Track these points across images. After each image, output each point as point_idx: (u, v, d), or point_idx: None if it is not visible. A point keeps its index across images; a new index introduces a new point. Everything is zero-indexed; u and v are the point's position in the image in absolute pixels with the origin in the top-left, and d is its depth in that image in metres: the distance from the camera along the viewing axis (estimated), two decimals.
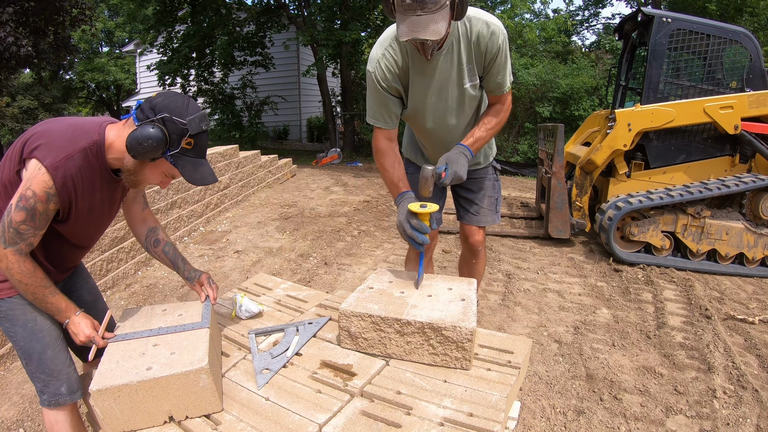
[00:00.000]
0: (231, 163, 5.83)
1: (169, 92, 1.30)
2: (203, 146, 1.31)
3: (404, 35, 1.43)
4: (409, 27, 1.41)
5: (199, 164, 1.30)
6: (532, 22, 14.72)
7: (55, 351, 1.36)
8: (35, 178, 1.17)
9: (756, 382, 2.38)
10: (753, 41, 4.08)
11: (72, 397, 1.39)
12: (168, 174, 1.32)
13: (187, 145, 1.25)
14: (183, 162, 1.26)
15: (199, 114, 1.26)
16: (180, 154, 1.26)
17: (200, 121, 1.26)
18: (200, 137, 1.28)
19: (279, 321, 1.63)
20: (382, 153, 1.80)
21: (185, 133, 1.23)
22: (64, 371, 1.37)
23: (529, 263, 4.07)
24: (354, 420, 1.12)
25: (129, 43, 16.71)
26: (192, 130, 1.24)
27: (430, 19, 1.39)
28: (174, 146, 1.24)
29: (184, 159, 1.26)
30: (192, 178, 1.28)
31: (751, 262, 4.04)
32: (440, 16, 1.40)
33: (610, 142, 4.05)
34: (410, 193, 1.72)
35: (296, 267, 3.91)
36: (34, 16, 8.04)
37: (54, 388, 1.36)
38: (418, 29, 1.40)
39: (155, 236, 1.61)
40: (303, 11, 10.72)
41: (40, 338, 1.34)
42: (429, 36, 1.40)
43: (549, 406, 2.18)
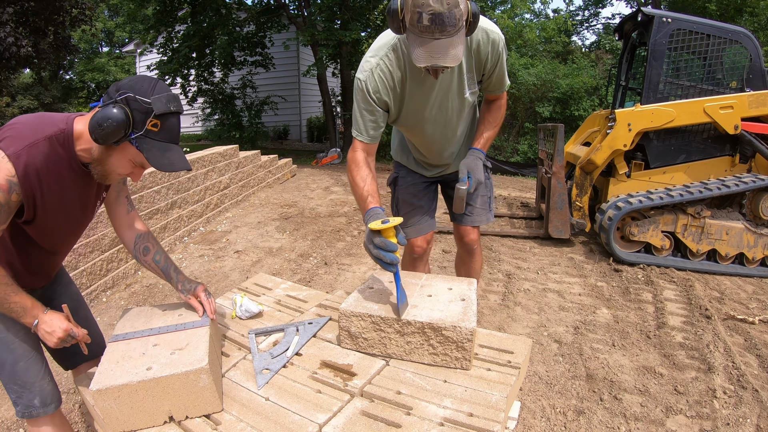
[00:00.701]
0: (231, 163, 5.83)
1: (139, 75, 1.22)
2: (172, 129, 1.19)
3: (421, 61, 1.33)
4: (427, 52, 1.31)
5: (167, 149, 1.18)
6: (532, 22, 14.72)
7: (28, 363, 1.30)
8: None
9: (756, 382, 2.38)
10: (753, 41, 4.08)
11: (45, 410, 1.34)
12: (136, 162, 1.21)
13: (152, 126, 1.14)
14: (148, 145, 1.15)
15: (167, 94, 1.16)
16: (144, 137, 1.14)
17: (168, 102, 1.15)
18: (168, 119, 1.16)
19: (279, 321, 1.63)
20: (356, 164, 1.67)
21: (150, 113, 1.13)
22: (37, 384, 1.32)
23: (529, 263, 4.07)
24: (354, 420, 1.12)
25: (129, 43, 16.71)
26: (157, 109, 1.13)
27: (449, 43, 1.31)
28: (138, 128, 1.13)
29: (149, 142, 1.15)
30: (159, 164, 1.16)
31: (751, 262, 4.04)
32: (458, 39, 1.33)
33: (610, 142, 4.05)
34: (378, 209, 1.53)
35: (296, 267, 3.91)
36: (34, 16, 8.05)
37: (27, 400, 1.31)
38: (437, 55, 1.31)
39: (145, 243, 1.50)
40: (303, 11, 10.73)
41: (12, 349, 1.28)
42: (449, 63, 1.33)
43: (549, 406, 2.18)
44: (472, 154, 1.78)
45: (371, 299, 1.43)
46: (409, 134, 1.93)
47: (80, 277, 3.10)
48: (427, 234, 2.14)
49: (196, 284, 1.48)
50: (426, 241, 2.14)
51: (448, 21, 1.26)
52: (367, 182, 1.63)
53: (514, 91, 10.17)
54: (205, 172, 5.15)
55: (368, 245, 1.39)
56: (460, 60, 1.35)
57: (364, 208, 1.58)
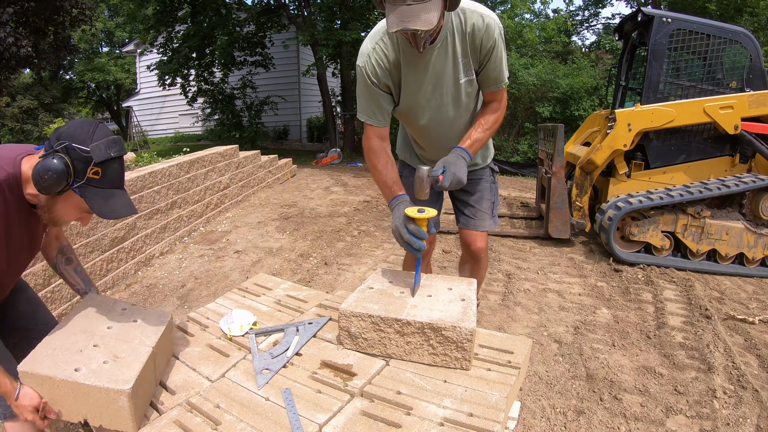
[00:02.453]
0: (231, 163, 5.83)
1: (79, 119, 1.21)
2: (115, 175, 1.18)
3: (393, 26, 1.35)
4: (398, 17, 1.33)
5: (110, 195, 1.17)
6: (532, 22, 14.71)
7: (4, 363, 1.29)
8: None
9: (756, 382, 2.38)
10: (753, 41, 4.08)
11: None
12: (83, 209, 1.21)
13: (94, 174, 1.14)
14: (91, 193, 1.15)
15: (107, 139, 1.15)
16: (86, 185, 1.14)
17: (108, 148, 1.14)
18: (109, 165, 1.15)
19: (279, 321, 1.63)
20: (374, 152, 1.72)
21: (90, 162, 1.12)
22: None
23: (529, 263, 4.07)
24: (354, 420, 1.12)
25: (129, 43, 16.72)
26: (97, 157, 1.12)
27: (421, 8, 1.31)
28: (79, 177, 1.13)
29: (92, 190, 1.15)
30: (101, 212, 1.16)
31: (751, 262, 4.04)
32: (432, 5, 1.33)
33: (610, 142, 4.05)
34: (405, 196, 1.64)
35: (296, 267, 3.91)
36: (34, 16, 8.05)
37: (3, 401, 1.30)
38: (408, 19, 1.32)
39: (68, 254, 1.52)
40: (303, 11, 10.73)
41: None
42: (420, 26, 1.32)
43: (549, 406, 2.18)
44: (454, 152, 1.67)
45: (371, 299, 1.43)
46: (407, 124, 1.91)
47: None
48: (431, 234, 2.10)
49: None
50: (428, 242, 2.10)
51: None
52: (389, 169, 1.70)
53: (514, 91, 10.16)
54: (205, 172, 5.15)
55: (400, 229, 1.50)
56: (433, 24, 1.33)
57: (390, 195, 1.67)
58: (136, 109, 14.92)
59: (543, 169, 5.03)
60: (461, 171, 1.60)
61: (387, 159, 1.72)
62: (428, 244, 2.07)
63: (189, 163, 4.86)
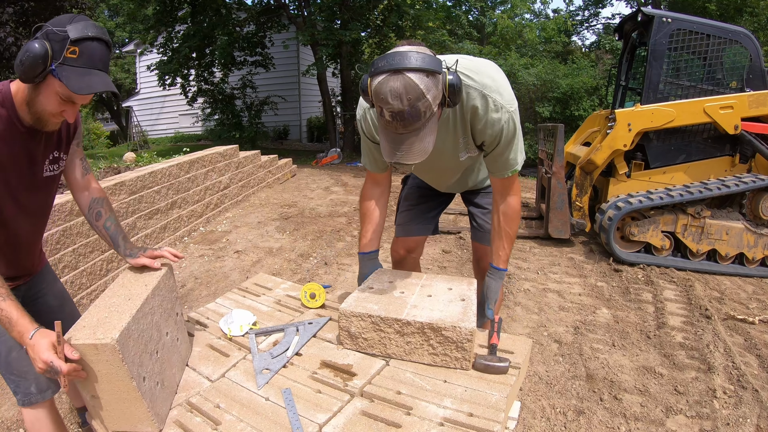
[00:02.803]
0: (231, 163, 5.83)
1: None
2: (94, 55, 1.15)
3: (387, 157, 1.20)
4: (390, 145, 1.19)
5: (87, 73, 1.15)
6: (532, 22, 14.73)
7: (20, 352, 1.29)
8: None
9: (756, 382, 2.38)
10: (753, 41, 4.08)
11: (43, 396, 1.36)
12: (63, 96, 1.18)
13: (71, 54, 1.12)
14: (67, 72, 1.13)
15: (86, 22, 1.15)
16: (62, 65, 1.13)
17: (85, 28, 1.13)
18: (87, 44, 1.14)
19: (279, 321, 1.63)
20: (363, 198, 1.72)
21: (66, 40, 1.11)
22: (32, 371, 1.30)
23: (529, 263, 4.07)
24: (354, 420, 1.12)
25: (129, 43, 16.72)
26: (73, 35, 1.11)
27: (415, 138, 1.16)
28: (56, 57, 1.12)
29: (67, 69, 1.13)
30: (75, 86, 1.13)
31: (751, 262, 4.04)
32: (426, 132, 1.17)
33: (610, 142, 4.05)
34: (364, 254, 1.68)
35: (296, 267, 3.91)
36: (34, 16, 8.04)
37: (24, 387, 1.33)
38: (400, 152, 1.17)
39: (98, 208, 1.48)
40: (303, 11, 10.73)
41: (3, 341, 1.28)
42: (413, 160, 1.18)
43: (549, 406, 2.18)
44: (493, 277, 1.59)
45: (371, 299, 1.43)
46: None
47: (80, 277, 3.10)
48: (409, 239, 1.98)
49: (144, 248, 1.45)
50: (405, 248, 1.98)
51: (410, 117, 1.11)
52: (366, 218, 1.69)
53: (514, 91, 10.16)
54: (205, 172, 5.15)
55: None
56: (428, 153, 1.19)
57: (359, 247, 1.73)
58: (136, 109, 14.93)
59: (543, 169, 5.03)
60: (497, 292, 1.59)
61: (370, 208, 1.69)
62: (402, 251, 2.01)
63: (189, 163, 4.86)
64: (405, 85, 1.09)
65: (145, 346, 1.15)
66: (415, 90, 1.09)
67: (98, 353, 1.04)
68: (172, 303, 1.41)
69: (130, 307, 1.16)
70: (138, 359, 1.11)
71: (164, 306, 1.34)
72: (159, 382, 1.18)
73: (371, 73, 1.15)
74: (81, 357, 1.04)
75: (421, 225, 1.98)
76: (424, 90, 1.10)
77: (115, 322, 1.09)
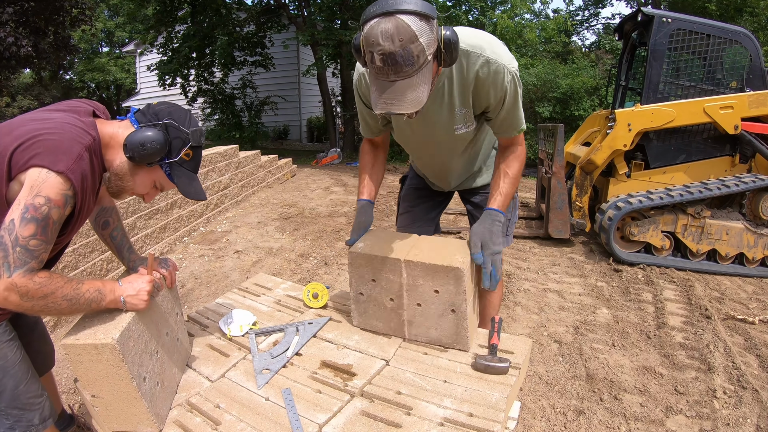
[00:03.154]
0: (231, 163, 5.83)
1: (173, 103, 1.27)
2: (199, 161, 1.28)
3: (376, 106, 1.15)
4: (381, 95, 1.13)
5: (193, 178, 1.27)
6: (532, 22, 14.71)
7: (28, 384, 1.25)
8: (45, 183, 1.00)
9: (756, 382, 2.38)
10: (753, 41, 4.08)
11: (44, 425, 1.30)
12: (158, 184, 1.26)
13: (186, 156, 1.22)
14: (179, 173, 1.23)
15: (200, 128, 1.25)
16: (178, 164, 1.22)
17: (200, 135, 1.25)
18: (198, 151, 1.26)
19: (279, 321, 1.63)
20: (362, 153, 1.75)
21: (187, 143, 1.21)
22: (37, 402, 1.28)
23: (529, 263, 4.07)
24: (354, 420, 1.12)
25: (129, 43, 16.71)
26: (194, 141, 1.22)
27: (406, 85, 1.10)
28: (173, 155, 1.20)
29: (180, 170, 1.23)
30: (187, 191, 1.24)
31: (751, 262, 4.04)
32: (420, 79, 1.11)
33: (610, 142, 4.05)
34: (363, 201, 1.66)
35: (296, 267, 3.91)
36: (34, 16, 8.04)
37: (26, 421, 1.27)
38: (392, 101, 1.12)
39: (105, 217, 1.47)
40: (303, 11, 10.73)
41: (12, 374, 1.23)
42: (405, 110, 1.13)
43: (549, 406, 2.18)
44: (488, 217, 1.46)
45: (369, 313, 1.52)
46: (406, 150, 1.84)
47: (80, 277, 3.10)
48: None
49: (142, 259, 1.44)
50: None
51: (403, 60, 1.06)
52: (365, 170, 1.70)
53: None
54: (205, 172, 5.15)
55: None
56: (423, 102, 1.13)
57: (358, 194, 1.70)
58: None
59: (543, 169, 5.03)
60: (496, 243, 1.42)
61: (369, 160, 1.71)
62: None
63: None
64: (397, 26, 1.05)
65: (145, 346, 1.15)
66: (407, 31, 1.05)
67: (98, 353, 1.04)
68: (172, 303, 1.41)
69: None
70: (138, 359, 1.11)
71: (164, 306, 1.34)
72: (159, 382, 1.18)
73: (363, 21, 1.11)
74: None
75: (423, 226, 1.98)
76: (417, 32, 1.06)
77: (115, 322, 1.09)
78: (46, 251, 1.03)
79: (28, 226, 0.98)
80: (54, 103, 1.23)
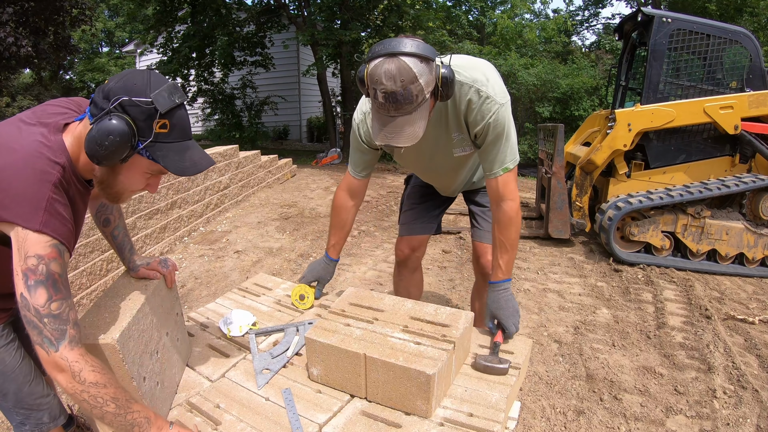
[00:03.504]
0: (231, 163, 5.83)
1: (127, 71, 1.01)
2: (184, 125, 1.01)
3: (378, 139, 1.24)
4: (381, 128, 1.23)
5: (185, 148, 1.01)
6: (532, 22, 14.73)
7: (31, 386, 1.24)
8: (27, 242, 0.90)
9: (756, 382, 2.38)
10: (753, 41, 4.08)
11: (55, 423, 1.31)
12: (151, 172, 1.05)
13: (161, 128, 0.97)
14: (163, 152, 0.99)
15: (167, 85, 0.98)
16: (155, 142, 0.98)
17: (170, 94, 0.97)
18: (176, 114, 0.99)
19: (279, 321, 1.63)
20: (334, 208, 1.81)
21: (155, 114, 0.96)
22: (44, 402, 1.28)
23: (529, 263, 4.07)
24: (354, 420, 1.12)
25: (129, 43, 16.70)
26: (162, 107, 0.95)
27: (405, 121, 1.20)
28: (145, 135, 0.96)
29: (161, 147, 0.98)
30: (180, 168, 1.00)
31: (751, 262, 4.04)
32: (418, 115, 1.21)
33: (610, 142, 4.05)
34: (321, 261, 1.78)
35: (296, 267, 3.91)
36: (34, 16, 8.05)
37: (35, 419, 1.27)
38: (391, 135, 1.22)
39: (106, 215, 1.37)
40: (303, 11, 10.73)
41: (12, 378, 1.21)
42: (403, 143, 1.22)
43: (549, 406, 2.18)
44: (494, 291, 1.48)
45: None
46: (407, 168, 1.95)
47: (80, 277, 3.10)
48: (413, 238, 1.99)
49: (149, 260, 1.37)
50: (410, 247, 2.00)
51: (403, 99, 1.16)
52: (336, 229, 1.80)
53: (514, 91, 10.17)
54: (205, 172, 5.15)
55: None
56: (419, 137, 1.23)
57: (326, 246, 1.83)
58: None
59: (543, 169, 5.03)
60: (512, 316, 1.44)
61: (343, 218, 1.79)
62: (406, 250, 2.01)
63: None
64: (399, 67, 1.14)
65: (145, 346, 1.15)
66: (408, 73, 1.14)
67: (98, 353, 1.04)
68: (172, 303, 1.41)
69: (131, 307, 1.17)
70: (138, 359, 1.11)
71: (164, 306, 1.34)
72: (159, 382, 1.18)
73: (368, 59, 1.20)
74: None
75: (425, 224, 2.01)
76: (417, 74, 1.15)
77: (115, 322, 1.09)
78: (71, 307, 0.94)
79: (38, 293, 0.90)
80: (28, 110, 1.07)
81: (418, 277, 2.11)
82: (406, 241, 2.01)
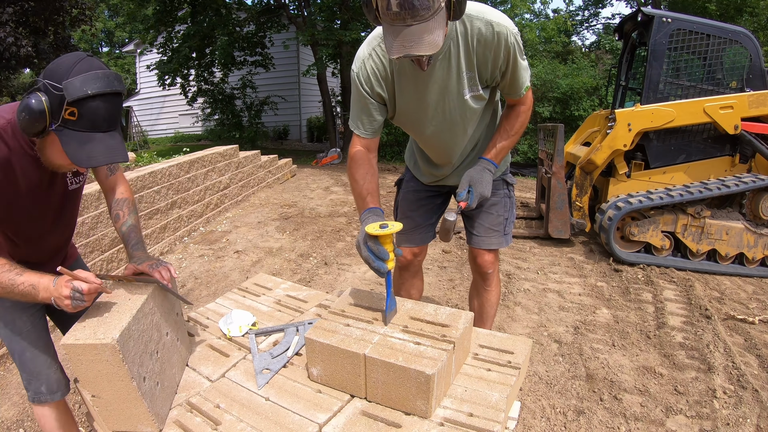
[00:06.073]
0: (231, 163, 5.83)
1: (67, 54, 1.06)
2: (96, 117, 1.02)
3: (394, 52, 1.19)
4: (398, 40, 1.17)
5: (89, 140, 1.03)
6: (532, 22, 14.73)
7: (35, 353, 1.34)
8: None
9: (756, 382, 2.38)
10: (753, 41, 4.08)
11: (52, 397, 1.39)
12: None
13: (69, 115, 1.00)
14: (66, 137, 1.02)
15: (87, 74, 1.01)
16: (62, 127, 1.02)
17: (83, 84, 0.99)
18: (87, 105, 1.00)
19: (279, 321, 1.63)
20: (354, 162, 1.60)
21: (63, 101, 0.99)
22: (44, 372, 1.36)
23: (529, 263, 4.07)
24: (354, 420, 1.12)
25: (129, 43, 16.72)
26: (70, 95, 0.98)
27: (423, 29, 1.16)
28: (55, 117, 1.01)
29: (67, 133, 1.02)
30: (75, 158, 1.03)
31: (751, 262, 4.04)
32: (436, 24, 1.17)
33: (610, 142, 4.05)
34: (376, 209, 1.48)
35: (296, 267, 3.91)
36: (34, 16, 8.06)
37: (35, 386, 1.38)
38: (410, 43, 1.17)
39: (117, 210, 1.43)
40: (303, 11, 10.73)
41: (19, 340, 1.33)
42: (424, 51, 1.18)
43: (549, 406, 2.18)
44: (480, 165, 1.58)
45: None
46: (410, 132, 1.77)
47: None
48: (415, 247, 1.97)
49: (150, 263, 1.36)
50: (412, 253, 1.97)
51: (420, 3, 1.12)
52: (367, 180, 1.55)
53: None
54: (205, 172, 5.15)
55: (360, 246, 1.32)
56: (440, 45, 1.19)
57: (362, 207, 1.51)
58: (136, 109, 14.93)
59: (543, 169, 5.03)
60: (487, 187, 1.56)
61: (367, 169, 1.58)
62: (410, 256, 1.96)
63: (189, 163, 4.86)
64: None
65: (145, 346, 1.15)
66: None
67: (98, 353, 1.04)
68: (172, 303, 1.41)
69: (130, 307, 1.16)
70: (138, 359, 1.11)
71: (164, 306, 1.34)
72: (159, 382, 1.18)
73: None
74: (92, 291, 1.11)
75: (425, 234, 1.98)
76: None
77: (115, 322, 1.09)
78: None
79: None
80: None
81: (419, 279, 2.10)
82: (407, 249, 1.97)
